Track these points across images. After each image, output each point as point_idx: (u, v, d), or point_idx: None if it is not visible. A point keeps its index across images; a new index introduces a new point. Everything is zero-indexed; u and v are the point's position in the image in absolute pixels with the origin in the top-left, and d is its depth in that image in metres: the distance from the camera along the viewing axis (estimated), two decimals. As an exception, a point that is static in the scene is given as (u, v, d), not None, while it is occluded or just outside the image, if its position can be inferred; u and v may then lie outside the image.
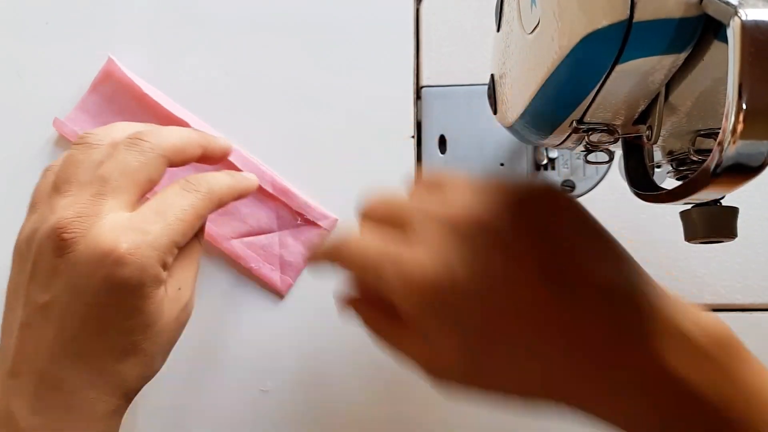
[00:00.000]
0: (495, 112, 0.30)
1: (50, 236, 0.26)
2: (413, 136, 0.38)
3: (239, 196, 0.33)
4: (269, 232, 0.37)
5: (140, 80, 0.39)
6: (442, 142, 0.38)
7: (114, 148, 0.29)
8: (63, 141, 0.39)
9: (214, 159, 0.33)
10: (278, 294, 0.37)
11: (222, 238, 0.37)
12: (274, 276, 0.37)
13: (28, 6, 0.41)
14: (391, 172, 0.38)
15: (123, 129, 0.30)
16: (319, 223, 0.37)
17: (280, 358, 0.36)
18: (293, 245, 0.37)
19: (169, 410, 0.36)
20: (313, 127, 0.38)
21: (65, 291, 0.26)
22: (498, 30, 0.28)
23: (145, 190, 0.29)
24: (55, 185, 0.28)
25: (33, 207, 0.30)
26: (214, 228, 0.37)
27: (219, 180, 0.31)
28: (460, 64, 0.39)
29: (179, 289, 0.29)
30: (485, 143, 0.38)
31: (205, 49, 0.40)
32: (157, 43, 0.40)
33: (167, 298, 0.28)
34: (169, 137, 0.30)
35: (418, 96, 0.39)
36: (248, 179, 0.34)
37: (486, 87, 0.31)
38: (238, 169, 0.37)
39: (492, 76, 0.30)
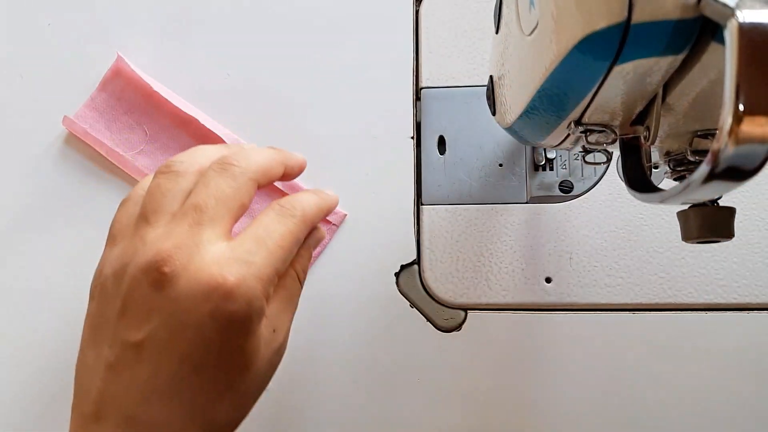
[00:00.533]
0: (494, 113, 0.30)
1: (147, 270, 0.25)
2: (413, 137, 0.38)
3: (326, 214, 0.32)
4: None
5: (149, 78, 0.39)
6: (442, 143, 0.38)
7: (203, 175, 0.27)
8: (72, 138, 0.39)
9: (292, 176, 0.32)
10: None
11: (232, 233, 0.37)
12: None
13: (33, 4, 0.41)
14: (391, 172, 0.38)
15: (207, 155, 0.29)
16: (328, 218, 0.37)
17: (290, 353, 0.36)
18: None
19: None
20: (314, 127, 0.39)
21: (163, 328, 0.25)
22: (497, 32, 0.28)
23: (239, 217, 0.28)
24: (143, 216, 0.27)
25: (113, 240, 0.28)
26: None
27: (310, 201, 0.30)
28: (460, 66, 0.39)
29: (274, 331, 0.28)
30: (484, 144, 0.38)
31: (211, 49, 0.40)
32: (165, 42, 0.40)
33: (264, 339, 0.27)
34: (256, 159, 0.28)
35: (417, 97, 0.39)
36: (331, 197, 0.32)
37: (485, 88, 0.31)
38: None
39: (491, 77, 0.30)
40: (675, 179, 0.24)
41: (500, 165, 0.38)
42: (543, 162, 0.37)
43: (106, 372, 0.25)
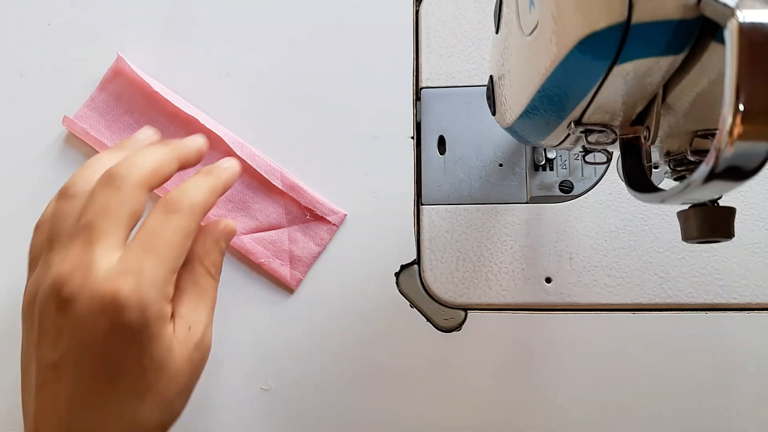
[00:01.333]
0: (494, 113, 0.30)
1: (50, 294, 0.27)
2: (413, 137, 0.38)
3: (223, 192, 0.31)
4: (279, 228, 0.37)
5: (149, 78, 0.39)
6: (442, 143, 0.38)
7: (91, 192, 0.28)
8: (73, 138, 0.39)
9: (191, 164, 0.32)
10: (288, 289, 0.37)
11: None
12: (284, 271, 0.37)
13: (33, 5, 0.41)
14: (391, 172, 0.38)
15: (98, 169, 0.30)
16: (328, 218, 0.37)
17: (290, 352, 0.36)
18: (302, 240, 0.37)
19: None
20: (314, 128, 0.39)
21: (73, 347, 0.26)
22: (497, 32, 0.28)
23: (132, 225, 0.28)
24: (48, 241, 0.29)
25: (31, 265, 0.30)
26: None
27: (197, 189, 0.30)
28: (460, 66, 0.39)
29: (189, 328, 0.29)
30: (484, 144, 0.38)
31: (211, 49, 0.40)
32: (165, 42, 0.40)
33: (176, 339, 0.28)
34: (142, 165, 0.29)
35: (417, 97, 0.39)
36: (227, 169, 0.32)
37: (485, 88, 0.31)
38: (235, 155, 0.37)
39: (491, 77, 0.30)
40: (675, 179, 0.24)
41: (500, 165, 0.38)
42: (543, 162, 0.37)
43: (36, 392, 0.27)
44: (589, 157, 0.28)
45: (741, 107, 0.15)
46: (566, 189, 0.37)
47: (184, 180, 0.30)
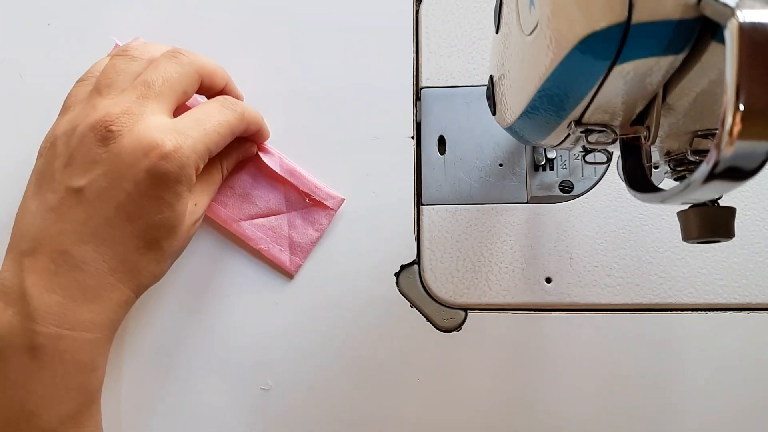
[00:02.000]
0: (494, 113, 0.30)
1: (95, 127, 0.28)
2: (413, 137, 0.38)
3: (260, 130, 0.36)
4: (278, 214, 0.37)
5: None
6: (442, 143, 0.38)
7: (155, 59, 0.31)
8: None
9: (229, 92, 0.36)
10: (288, 275, 0.37)
11: (232, 219, 0.37)
12: (284, 257, 0.37)
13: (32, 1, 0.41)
14: (391, 172, 0.38)
15: (161, 48, 0.33)
16: (326, 203, 0.37)
17: (290, 352, 0.36)
18: (302, 226, 0.37)
19: (172, 404, 0.36)
20: (314, 127, 0.38)
21: (104, 177, 0.28)
22: (497, 31, 0.28)
23: (181, 101, 0.31)
24: (97, 89, 0.31)
25: (67, 109, 0.32)
26: (224, 210, 0.37)
27: (250, 108, 0.34)
28: (460, 66, 0.39)
29: (195, 204, 0.32)
30: (484, 144, 0.38)
31: (211, 49, 0.40)
32: (162, 34, 0.40)
33: (187, 209, 0.31)
34: (203, 60, 0.33)
35: (417, 97, 0.39)
36: (267, 127, 0.37)
37: (485, 88, 0.31)
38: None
39: (491, 77, 0.30)
40: (675, 179, 0.24)
41: (500, 165, 0.38)
42: (543, 162, 0.37)
43: (47, 214, 0.29)
44: (590, 157, 0.28)
45: (741, 107, 0.15)
46: (566, 189, 0.37)
47: None
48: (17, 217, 0.30)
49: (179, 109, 0.32)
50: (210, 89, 0.34)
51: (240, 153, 0.36)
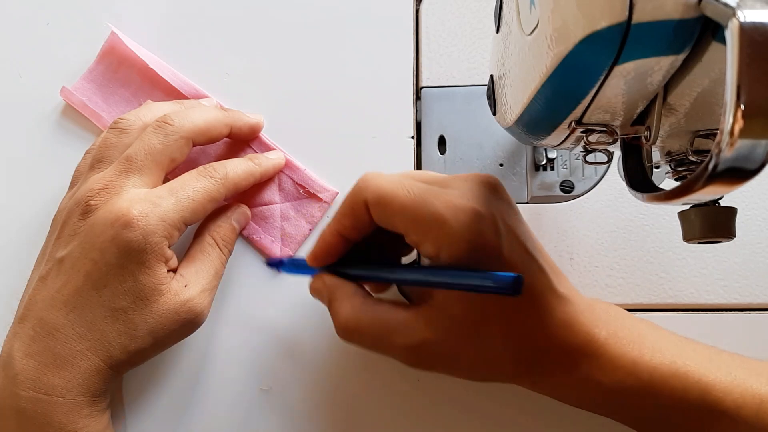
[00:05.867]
0: (494, 113, 0.30)
1: (79, 203, 0.30)
2: (413, 137, 0.38)
3: (260, 178, 0.36)
4: (271, 204, 0.37)
5: (144, 51, 0.39)
6: (442, 143, 0.38)
7: (142, 131, 0.32)
8: (69, 110, 0.39)
9: (242, 136, 0.37)
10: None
11: None
12: (275, 247, 0.37)
13: None
14: (391, 172, 0.38)
15: (154, 112, 0.34)
16: (320, 195, 0.37)
17: (290, 340, 0.36)
18: (294, 218, 0.37)
19: (173, 404, 0.36)
20: (314, 127, 0.38)
21: (79, 248, 0.30)
22: (497, 31, 0.28)
23: (168, 169, 0.32)
24: (92, 164, 0.32)
25: (72, 184, 0.34)
26: None
27: (238, 167, 0.34)
28: (460, 65, 0.39)
29: (185, 286, 0.31)
30: (484, 144, 0.38)
31: (210, 49, 0.40)
32: (160, 34, 0.40)
33: (170, 287, 0.30)
34: (194, 119, 0.33)
35: (417, 96, 0.39)
36: (270, 160, 0.36)
37: (485, 88, 0.31)
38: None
39: (491, 77, 0.30)
40: (676, 179, 0.24)
41: (501, 165, 0.38)
42: (544, 162, 0.37)
43: (38, 283, 0.31)
44: (590, 157, 0.28)
45: (742, 106, 0.15)
46: (567, 189, 0.37)
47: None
48: (26, 287, 0.33)
49: (176, 172, 0.33)
50: (210, 142, 0.34)
51: (233, 222, 0.35)
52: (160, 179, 0.32)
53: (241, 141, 0.37)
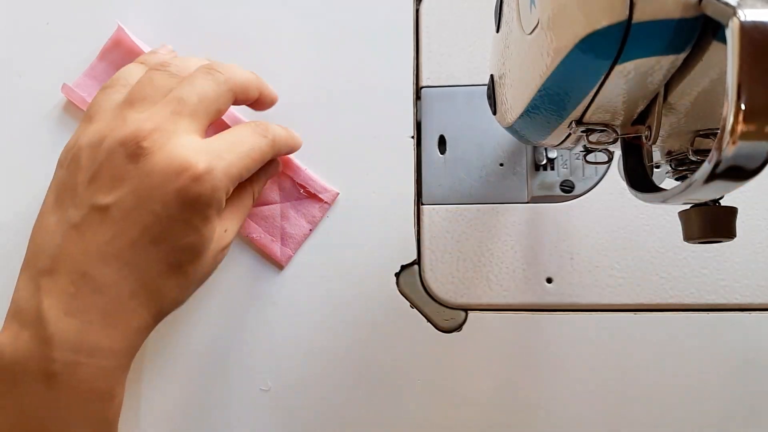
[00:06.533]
0: (494, 113, 0.30)
1: (125, 143, 0.27)
2: (413, 137, 0.38)
3: (290, 150, 0.36)
4: (271, 204, 0.37)
5: (149, 48, 0.39)
6: (442, 143, 0.38)
7: (190, 75, 0.30)
8: (71, 107, 0.39)
9: (264, 105, 0.35)
10: (278, 265, 0.37)
11: None
12: (275, 247, 0.37)
13: None
14: (391, 172, 0.38)
15: (196, 62, 0.32)
16: (321, 196, 0.37)
17: (291, 340, 0.36)
18: (294, 218, 0.37)
19: (172, 404, 0.36)
20: (314, 127, 0.38)
21: (132, 196, 0.27)
22: (497, 30, 0.28)
23: (213, 120, 0.30)
24: (129, 101, 0.29)
25: (91, 118, 0.30)
26: None
27: (281, 132, 0.33)
28: (460, 65, 0.39)
29: (225, 230, 0.31)
30: (485, 143, 0.38)
31: (212, 50, 0.40)
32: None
33: (217, 236, 0.30)
34: (238, 74, 0.31)
35: (417, 96, 0.39)
36: (298, 138, 0.36)
37: (485, 87, 0.31)
38: None
39: (491, 76, 0.30)
40: (676, 179, 0.24)
41: (501, 165, 0.38)
42: (544, 161, 0.37)
43: (68, 231, 0.27)
44: (591, 157, 0.28)
45: (743, 106, 0.15)
46: (567, 189, 0.37)
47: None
48: (34, 231, 0.29)
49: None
50: (243, 102, 0.33)
51: (268, 175, 0.35)
52: (206, 129, 0.30)
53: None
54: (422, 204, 0.37)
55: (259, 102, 0.34)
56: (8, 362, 0.26)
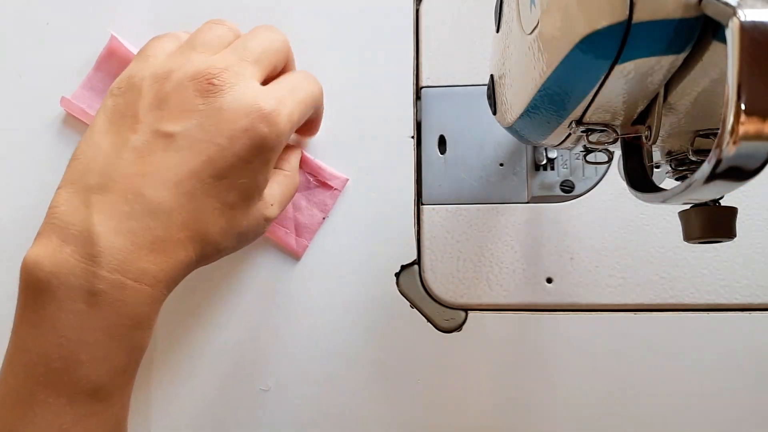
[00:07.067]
0: (494, 113, 0.30)
1: (196, 77, 0.28)
2: (413, 137, 0.38)
3: (318, 106, 0.34)
4: None
5: None
6: (442, 143, 0.38)
7: (252, 28, 0.31)
8: (71, 119, 0.39)
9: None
10: (295, 256, 0.37)
11: None
12: (290, 239, 0.37)
13: None
14: (391, 172, 0.38)
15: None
16: (330, 183, 0.37)
17: (290, 340, 0.36)
18: (307, 207, 0.37)
19: (172, 404, 0.36)
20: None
21: (200, 128, 0.27)
22: (497, 30, 0.28)
23: (270, 75, 0.31)
24: (191, 44, 0.30)
25: (146, 58, 0.30)
26: None
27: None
28: (460, 65, 0.39)
29: (271, 204, 0.31)
30: (485, 143, 0.38)
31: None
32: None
33: (265, 197, 0.30)
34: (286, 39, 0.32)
35: (417, 96, 0.39)
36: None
37: (485, 87, 0.31)
38: None
39: (491, 76, 0.30)
40: (676, 179, 0.24)
41: (501, 164, 0.38)
42: (544, 161, 0.37)
43: (126, 153, 0.27)
44: (590, 157, 0.28)
45: (743, 106, 0.15)
46: (567, 189, 0.37)
47: None
48: (80, 152, 0.28)
49: None
50: (277, 71, 0.33)
51: (300, 150, 0.37)
52: (263, 81, 0.30)
53: None
54: (422, 204, 0.37)
55: (286, 70, 0.34)
56: (46, 274, 0.25)
